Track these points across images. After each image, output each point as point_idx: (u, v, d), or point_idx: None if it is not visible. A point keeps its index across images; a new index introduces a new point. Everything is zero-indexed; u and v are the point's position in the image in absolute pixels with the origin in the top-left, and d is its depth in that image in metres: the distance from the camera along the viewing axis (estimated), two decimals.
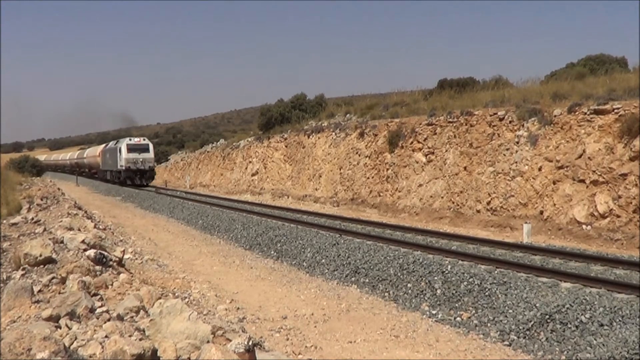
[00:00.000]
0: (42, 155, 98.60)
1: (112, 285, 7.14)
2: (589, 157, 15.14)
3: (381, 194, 22.93)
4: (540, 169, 16.60)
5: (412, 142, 22.11)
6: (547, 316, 7.63)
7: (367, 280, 10.85)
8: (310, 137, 30.05)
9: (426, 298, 9.43)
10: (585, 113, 15.71)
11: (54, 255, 8.19)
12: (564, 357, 6.94)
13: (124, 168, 40.33)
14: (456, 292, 9.14)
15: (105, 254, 9.06)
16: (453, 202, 19.34)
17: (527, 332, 7.57)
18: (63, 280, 6.79)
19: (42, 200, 20.81)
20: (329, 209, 24.25)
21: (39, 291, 6.41)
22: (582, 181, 15.18)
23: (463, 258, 10.74)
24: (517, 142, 17.60)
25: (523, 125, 17.62)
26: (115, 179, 43.08)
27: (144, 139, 43.02)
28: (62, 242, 9.84)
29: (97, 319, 5.32)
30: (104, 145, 53.43)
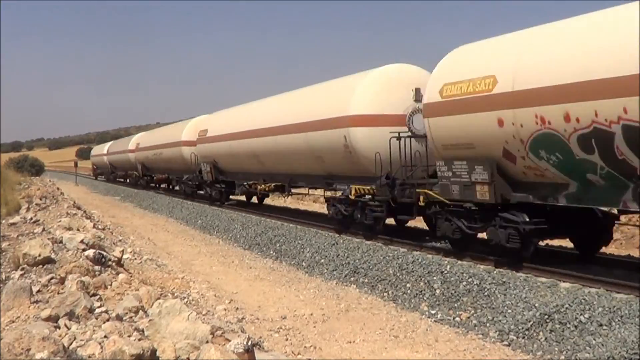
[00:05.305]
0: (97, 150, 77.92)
1: (111, 285, 7.15)
2: None
3: None
4: None
5: None
6: (546, 316, 7.63)
7: (366, 280, 10.85)
8: None
9: (425, 298, 9.43)
10: None
11: (52, 255, 8.19)
12: (563, 357, 6.94)
13: None
14: (455, 292, 9.13)
15: (104, 254, 9.07)
16: None
17: (526, 332, 7.58)
18: (62, 281, 6.79)
19: (41, 200, 20.81)
20: None
21: (38, 291, 6.41)
22: None
23: (462, 258, 10.73)
24: None
25: None
26: None
27: None
28: (61, 242, 9.85)
29: (96, 319, 5.33)
30: None
